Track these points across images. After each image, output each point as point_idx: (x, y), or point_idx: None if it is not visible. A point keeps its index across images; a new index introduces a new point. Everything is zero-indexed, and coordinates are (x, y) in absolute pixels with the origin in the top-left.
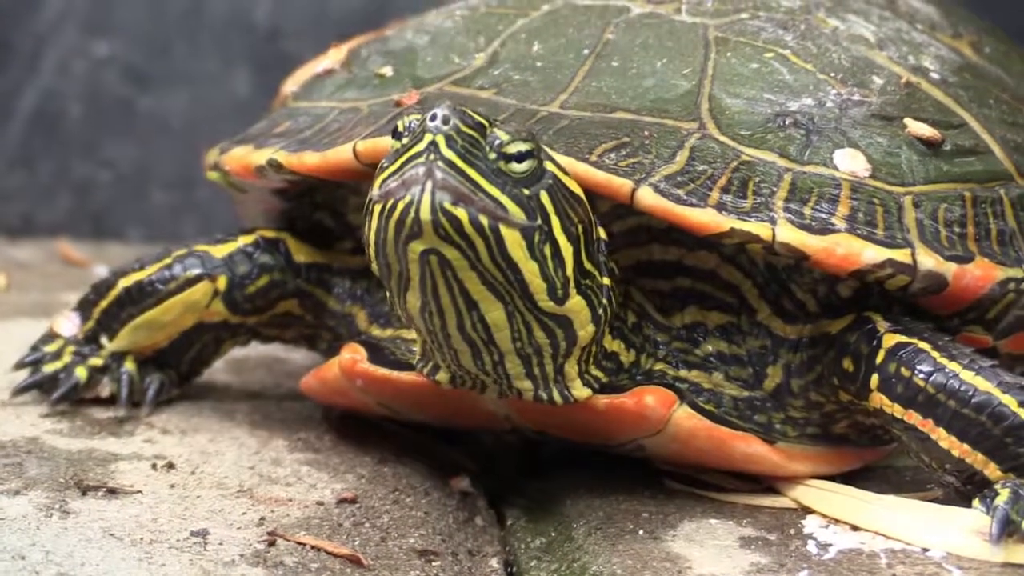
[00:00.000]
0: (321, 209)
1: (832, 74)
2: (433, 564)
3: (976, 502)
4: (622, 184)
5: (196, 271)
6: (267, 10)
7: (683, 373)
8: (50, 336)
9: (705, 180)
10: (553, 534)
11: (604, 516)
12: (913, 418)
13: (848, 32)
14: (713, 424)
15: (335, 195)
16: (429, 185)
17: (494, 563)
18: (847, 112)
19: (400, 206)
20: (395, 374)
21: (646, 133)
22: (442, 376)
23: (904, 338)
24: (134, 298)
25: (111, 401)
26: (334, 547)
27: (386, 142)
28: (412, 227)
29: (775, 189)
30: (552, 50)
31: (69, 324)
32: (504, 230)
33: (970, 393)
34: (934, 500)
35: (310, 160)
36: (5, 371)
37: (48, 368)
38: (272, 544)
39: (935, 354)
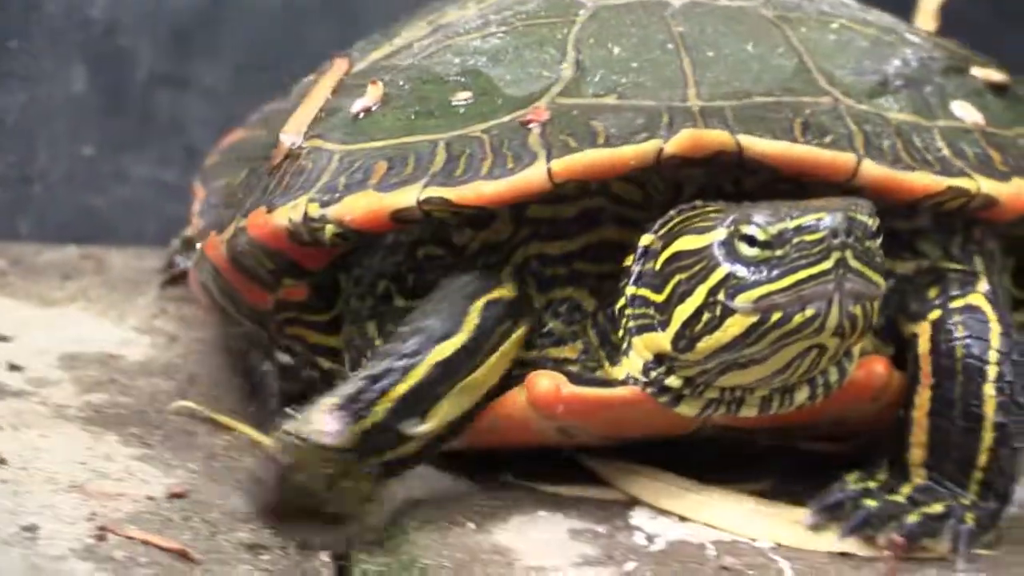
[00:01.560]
0: (428, 243)
1: (890, 35)
2: (262, 558)
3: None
4: (847, 160)
5: (505, 324)
6: (103, 5)
7: None
8: None
9: (889, 146)
10: (384, 527)
11: (435, 509)
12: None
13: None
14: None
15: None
16: (837, 297)
17: (324, 556)
18: (929, 68)
19: (798, 320)
20: (607, 392)
21: (808, 111)
22: (688, 409)
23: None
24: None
25: None
26: (163, 541)
27: (580, 160)
28: (809, 334)
29: (940, 146)
30: (633, 51)
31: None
32: (877, 304)
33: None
34: (760, 492)
35: (489, 189)
36: None
37: None
38: (102, 539)
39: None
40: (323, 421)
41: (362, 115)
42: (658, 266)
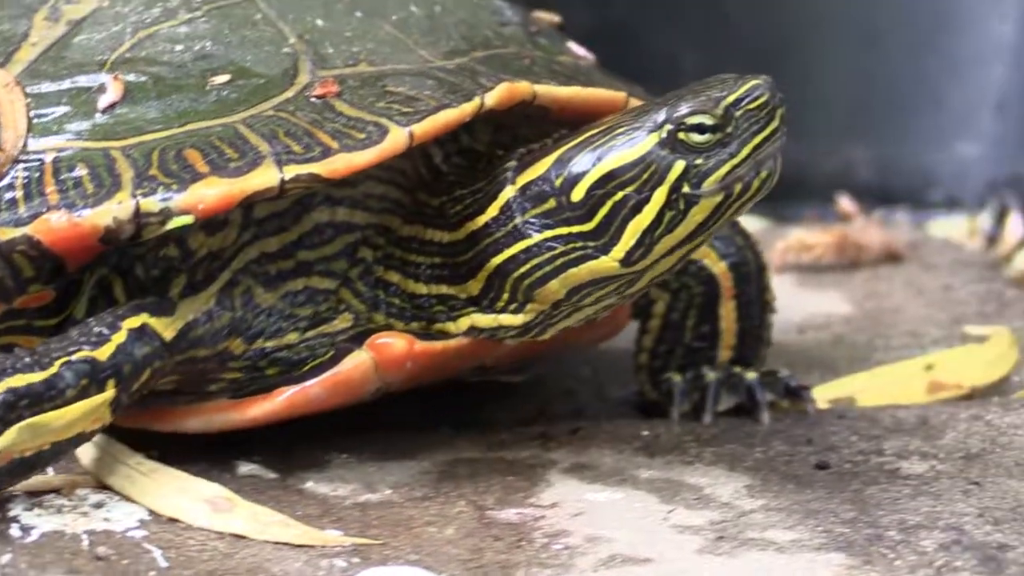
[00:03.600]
0: (171, 243)
1: None
2: None
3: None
4: (622, 96)
5: (86, 380)
6: None
7: None
8: None
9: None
10: None
11: None
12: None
13: None
14: None
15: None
16: (778, 154)
17: None
18: (528, 19)
19: (756, 184)
20: (453, 343)
21: (527, 60)
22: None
23: None
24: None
25: None
26: None
27: (437, 120)
28: (762, 193)
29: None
30: (335, 21)
31: None
32: None
33: None
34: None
35: (361, 159)
36: None
37: None
38: None
39: None
40: None
41: (109, 111)
42: (577, 197)
